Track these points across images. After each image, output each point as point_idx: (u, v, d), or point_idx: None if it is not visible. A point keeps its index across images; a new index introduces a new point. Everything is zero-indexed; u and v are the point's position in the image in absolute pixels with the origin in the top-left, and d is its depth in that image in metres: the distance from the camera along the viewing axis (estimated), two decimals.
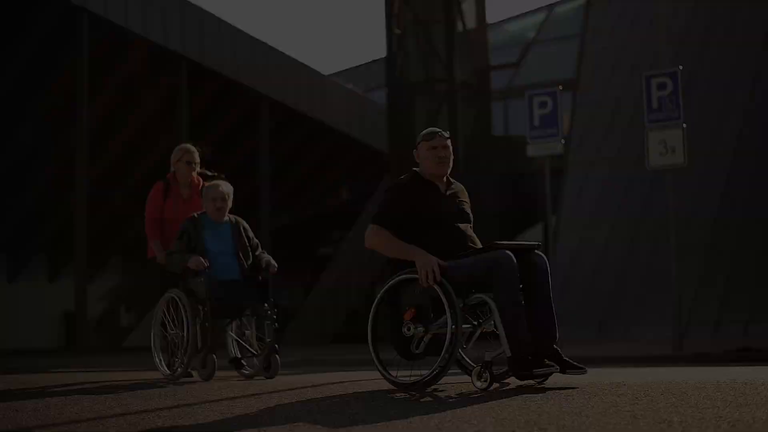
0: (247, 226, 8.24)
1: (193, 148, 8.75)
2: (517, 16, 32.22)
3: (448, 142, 6.14)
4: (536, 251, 5.84)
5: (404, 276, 5.83)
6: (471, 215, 6.20)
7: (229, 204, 8.10)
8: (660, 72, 12.99)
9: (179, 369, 7.82)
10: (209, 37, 23.08)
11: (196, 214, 8.06)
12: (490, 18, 33.11)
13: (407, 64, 23.18)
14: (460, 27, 23.23)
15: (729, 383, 5.41)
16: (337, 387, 6.34)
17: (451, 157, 6.15)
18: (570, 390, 5.20)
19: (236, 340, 8.19)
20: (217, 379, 7.62)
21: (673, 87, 12.75)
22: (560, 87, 15.06)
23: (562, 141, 15.12)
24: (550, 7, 30.72)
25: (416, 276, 5.70)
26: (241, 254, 7.98)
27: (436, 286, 5.60)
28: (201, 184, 8.65)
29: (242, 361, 8.18)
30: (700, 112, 21.56)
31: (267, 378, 7.78)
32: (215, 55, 23.19)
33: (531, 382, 5.61)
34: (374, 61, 35.79)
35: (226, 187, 8.12)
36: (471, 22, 23.91)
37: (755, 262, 18.52)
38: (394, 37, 23.13)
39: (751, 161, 20.36)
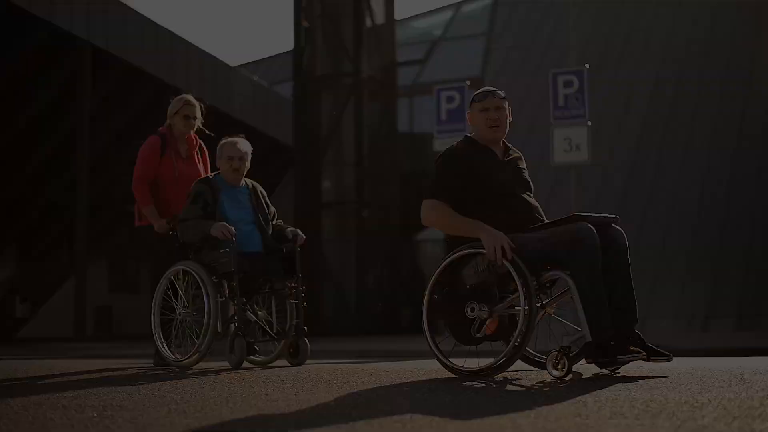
0: (264, 191, 7.23)
1: (194, 101, 7.52)
2: (425, 14, 32.47)
3: (504, 102, 5.49)
4: (614, 225, 5.30)
5: (463, 251, 5.22)
6: (531, 183, 5.57)
7: (247, 165, 7.07)
8: (566, 70, 13.18)
9: (194, 355, 6.71)
10: (115, 24, 22.67)
11: (210, 175, 7.11)
12: (398, 14, 33.31)
13: (314, 58, 23.13)
14: (368, 22, 23.29)
15: (636, 370, 5.49)
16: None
17: (508, 120, 5.49)
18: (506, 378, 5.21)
19: (256, 322, 7.03)
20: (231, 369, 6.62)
21: (579, 85, 12.95)
22: (468, 83, 15.20)
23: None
24: (458, 5, 31.00)
25: (476, 251, 5.14)
26: (261, 223, 7.01)
27: (506, 263, 5.00)
28: (198, 144, 7.65)
29: (255, 346, 7.00)
30: (603, 109, 22.02)
31: (294, 365, 6.87)
32: (120, 41, 22.80)
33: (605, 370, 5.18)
34: (281, 53, 35.68)
35: (245, 146, 7.12)
36: (379, 17, 23.99)
37: (651, 259, 18.94)
38: (301, 30, 23.07)
39: (652, 159, 20.84)
